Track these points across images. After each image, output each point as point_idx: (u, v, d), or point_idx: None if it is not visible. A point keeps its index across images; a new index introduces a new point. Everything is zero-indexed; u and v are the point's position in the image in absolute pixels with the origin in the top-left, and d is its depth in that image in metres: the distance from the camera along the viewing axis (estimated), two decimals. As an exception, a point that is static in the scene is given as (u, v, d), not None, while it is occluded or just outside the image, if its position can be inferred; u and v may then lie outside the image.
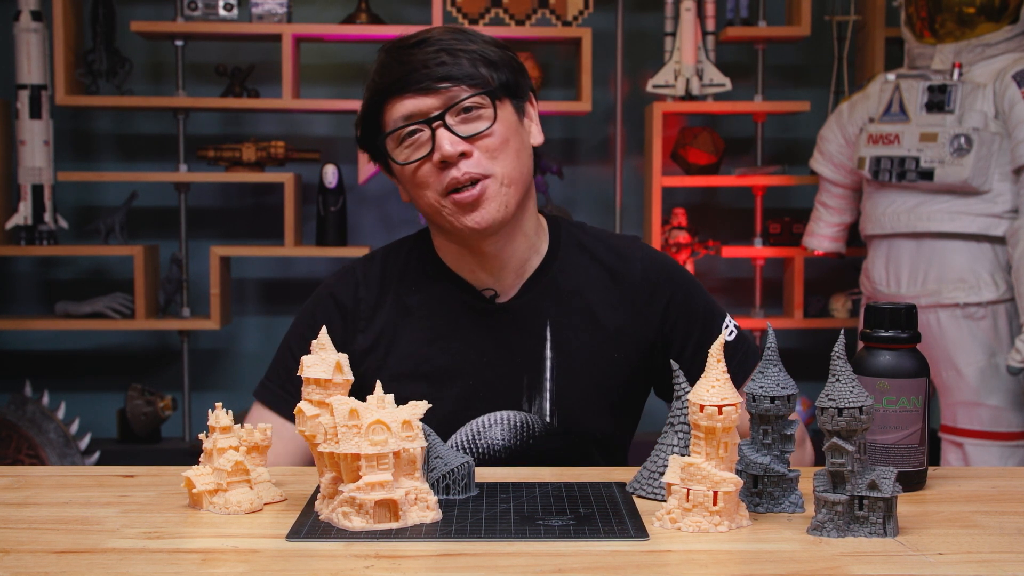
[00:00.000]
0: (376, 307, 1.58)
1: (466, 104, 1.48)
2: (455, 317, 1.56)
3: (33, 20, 3.57)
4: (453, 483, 1.24)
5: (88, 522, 1.16)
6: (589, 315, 1.56)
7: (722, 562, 1.03)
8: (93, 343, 4.01)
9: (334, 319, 1.58)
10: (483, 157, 1.48)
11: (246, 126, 3.96)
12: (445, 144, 1.46)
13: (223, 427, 1.22)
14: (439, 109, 1.47)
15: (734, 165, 3.90)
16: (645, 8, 3.93)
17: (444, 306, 1.57)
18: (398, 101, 1.49)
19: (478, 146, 1.48)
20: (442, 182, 1.48)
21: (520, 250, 1.56)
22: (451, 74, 1.47)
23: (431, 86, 1.47)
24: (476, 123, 1.49)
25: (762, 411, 1.17)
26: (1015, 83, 2.88)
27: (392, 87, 1.49)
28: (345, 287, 1.60)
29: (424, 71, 1.47)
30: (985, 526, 1.15)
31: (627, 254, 1.61)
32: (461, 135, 1.47)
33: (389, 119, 1.50)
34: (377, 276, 1.60)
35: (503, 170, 1.49)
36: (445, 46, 1.49)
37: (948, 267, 2.98)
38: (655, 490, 1.26)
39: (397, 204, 3.98)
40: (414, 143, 1.49)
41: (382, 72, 1.52)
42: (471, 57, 1.50)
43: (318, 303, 1.61)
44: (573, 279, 1.58)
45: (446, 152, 1.46)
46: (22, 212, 3.59)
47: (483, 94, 1.48)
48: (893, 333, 1.29)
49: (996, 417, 2.98)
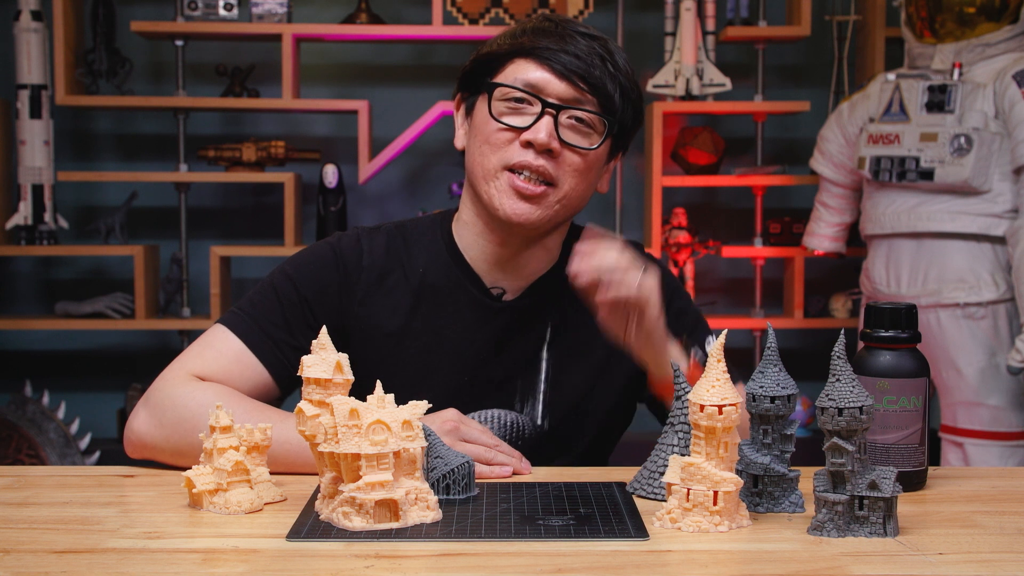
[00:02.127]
0: (378, 281, 1.53)
1: (586, 117, 1.46)
2: (459, 308, 1.53)
3: (33, 20, 3.57)
4: (453, 483, 1.24)
5: (88, 522, 1.16)
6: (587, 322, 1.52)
7: (722, 562, 1.03)
8: (93, 343, 4.01)
9: (331, 276, 1.52)
10: (562, 166, 1.45)
11: (246, 126, 3.97)
12: (543, 130, 1.43)
13: (223, 427, 1.22)
14: (563, 100, 1.44)
15: (734, 165, 3.90)
16: (645, 8, 3.93)
17: (451, 295, 1.54)
18: (534, 64, 1.45)
19: (566, 155, 1.45)
20: (512, 156, 1.45)
21: (536, 258, 1.54)
22: (595, 80, 1.45)
23: (571, 76, 1.44)
24: (580, 137, 1.46)
25: (762, 411, 1.17)
26: (1015, 83, 2.88)
27: (539, 50, 1.45)
28: (350, 250, 1.54)
29: (575, 58, 1.44)
30: (985, 526, 1.15)
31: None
32: (562, 138, 1.45)
33: (512, 72, 1.46)
34: (382, 250, 1.54)
35: (569, 189, 1.47)
36: (606, 53, 1.46)
37: (948, 267, 2.98)
38: (655, 490, 1.26)
39: (398, 204, 3.99)
40: (517, 109, 1.46)
41: (538, 32, 1.47)
42: (620, 80, 1.47)
43: (317, 255, 1.54)
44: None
45: (540, 139, 1.43)
46: (22, 212, 3.59)
47: (605, 120, 1.46)
48: (893, 333, 1.29)
49: (996, 417, 2.98)
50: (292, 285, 1.50)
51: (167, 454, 1.40)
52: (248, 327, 1.48)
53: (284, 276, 1.52)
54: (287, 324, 1.49)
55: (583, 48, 1.45)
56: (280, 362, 1.48)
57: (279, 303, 1.50)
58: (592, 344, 1.54)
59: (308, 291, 1.51)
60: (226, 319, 1.50)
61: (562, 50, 1.44)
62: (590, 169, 1.48)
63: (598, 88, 1.45)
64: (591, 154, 1.47)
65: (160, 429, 1.40)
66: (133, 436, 1.43)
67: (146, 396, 1.44)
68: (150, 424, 1.41)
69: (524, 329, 1.54)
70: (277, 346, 1.48)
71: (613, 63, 1.47)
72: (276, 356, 1.47)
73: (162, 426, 1.40)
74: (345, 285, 1.52)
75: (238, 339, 1.47)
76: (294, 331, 1.49)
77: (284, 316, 1.49)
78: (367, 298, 1.52)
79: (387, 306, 1.53)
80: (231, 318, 1.50)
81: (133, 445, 1.43)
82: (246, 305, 1.51)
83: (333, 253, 1.54)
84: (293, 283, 1.51)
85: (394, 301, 1.53)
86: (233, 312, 1.50)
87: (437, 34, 3.65)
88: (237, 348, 1.47)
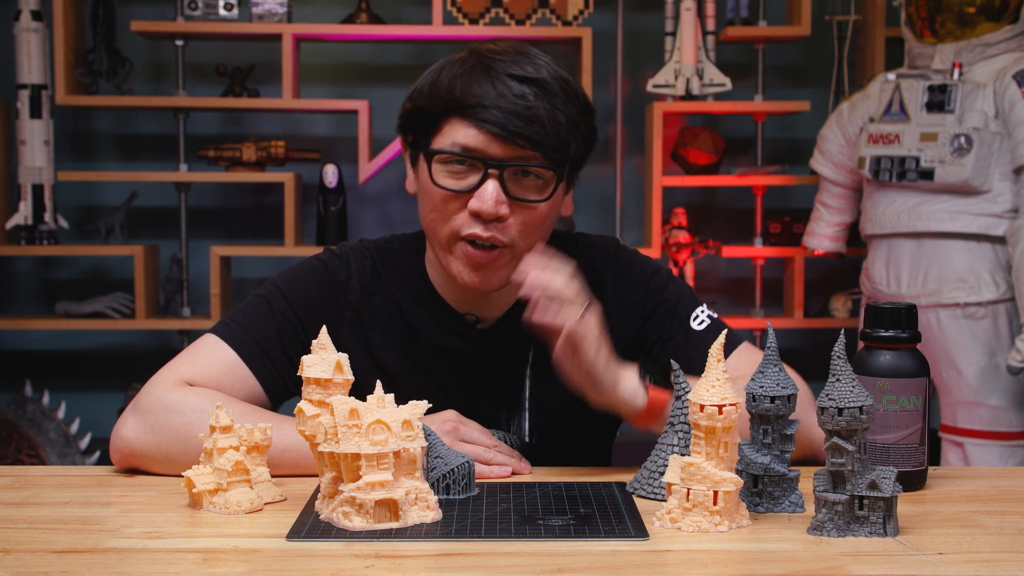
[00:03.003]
0: (363, 302, 1.52)
1: (532, 171, 1.39)
2: (434, 337, 1.51)
3: (33, 20, 3.56)
4: (453, 483, 1.24)
5: (88, 522, 1.16)
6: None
7: (722, 562, 1.03)
8: (93, 343, 4.01)
9: (322, 295, 1.50)
10: (515, 225, 1.40)
11: (246, 126, 3.97)
12: (489, 200, 1.37)
13: (223, 427, 1.22)
14: (503, 159, 1.37)
15: (734, 165, 3.90)
16: (645, 8, 3.93)
17: (425, 323, 1.51)
18: (467, 126, 1.37)
19: (517, 213, 1.40)
20: (462, 228, 1.40)
21: (510, 289, 1.47)
22: (537, 136, 1.36)
23: (510, 137, 1.36)
24: (529, 191, 1.40)
25: (762, 411, 1.17)
26: (1015, 83, 2.88)
27: (469, 110, 1.37)
28: (340, 269, 1.52)
29: (512, 116, 1.35)
30: (985, 526, 1.15)
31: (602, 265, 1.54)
32: (511, 194, 1.38)
33: (449, 135, 1.39)
34: (369, 273, 1.53)
35: (525, 244, 1.42)
36: (547, 93, 1.37)
37: (948, 267, 2.98)
38: (655, 490, 1.26)
39: (397, 204, 3.99)
40: (459, 173, 1.39)
41: (467, 82, 1.38)
42: (564, 118, 1.38)
43: (309, 272, 1.53)
44: None
45: (487, 209, 1.37)
46: (22, 212, 3.59)
47: (554, 170, 1.40)
48: (893, 333, 1.29)
49: (996, 417, 2.98)
50: (285, 300, 1.49)
51: (157, 462, 1.37)
52: (242, 338, 1.46)
53: (277, 290, 1.50)
54: (280, 338, 1.47)
55: (518, 96, 1.36)
56: (272, 375, 1.46)
57: (272, 316, 1.48)
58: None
59: (300, 307, 1.49)
60: (218, 329, 1.48)
61: (496, 106, 1.35)
62: (546, 218, 1.43)
63: (540, 142, 1.37)
64: (543, 206, 1.41)
65: (152, 436, 1.37)
66: (122, 444, 1.38)
67: (135, 403, 1.40)
68: (141, 431, 1.37)
69: (502, 353, 1.51)
70: (270, 358, 1.46)
71: (554, 103, 1.38)
72: (268, 369, 1.46)
73: (154, 433, 1.37)
74: (335, 304, 1.51)
75: (231, 349, 1.45)
76: (286, 345, 1.47)
77: (277, 330, 1.47)
78: (354, 320, 1.51)
79: (370, 329, 1.51)
80: (224, 328, 1.47)
81: (121, 453, 1.39)
82: (238, 317, 1.49)
83: (324, 271, 1.52)
84: (286, 298, 1.49)
85: (377, 325, 1.51)
86: (225, 323, 1.48)
87: (437, 34, 3.65)
88: (230, 358, 1.45)
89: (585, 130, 1.43)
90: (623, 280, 1.55)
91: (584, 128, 1.42)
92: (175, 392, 1.40)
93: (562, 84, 1.40)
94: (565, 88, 1.40)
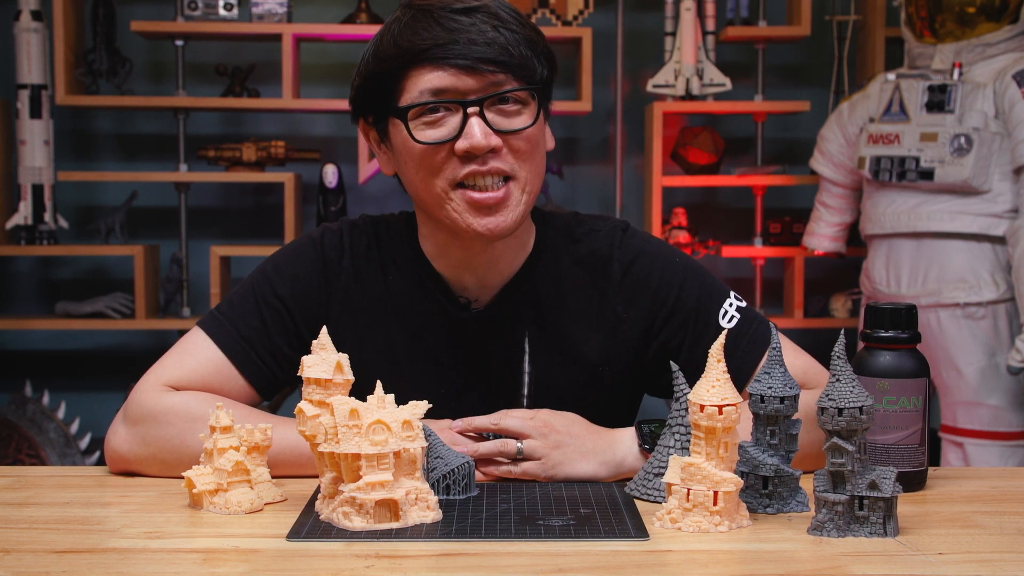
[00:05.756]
0: (355, 283, 1.47)
1: (510, 96, 1.34)
2: (430, 317, 1.46)
3: (33, 20, 3.56)
4: (453, 483, 1.24)
5: (88, 522, 1.16)
6: (570, 327, 1.46)
7: (722, 562, 1.03)
8: (93, 343, 4.01)
9: (311, 275, 1.46)
10: (511, 156, 1.35)
11: (246, 126, 3.97)
12: (477, 134, 1.31)
13: (223, 427, 1.22)
14: (479, 92, 1.32)
15: (734, 165, 3.90)
16: (645, 8, 3.93)
17: (419, 304, 1.46)
18: (430, 71, 1.32)
19: (510, 143, 1.34)
20: (457, 173, 1.34)
21: (511, 252, 1.45)
22: (501, 57, 1.31)
23: (476, 65, 1.31)
24: (514, 118, 1.35)
25: (771, 412, 1.16)
26: (1015, 83, 2.88)
27: (427, 53, 1.31)
28: (332, 249, 1.47)
29: (470, 45, 1.30)
30: (985, 526, 1.15)
31: (606, 254, 1.48)
32: (497, 128, 1.33)
33: (412, 87, 1.33)
34: (362, 251, 1.48)
35: (528, 175, 1.37)
36: (495, 17, 1.33)
37: (948, 267, 2.98)
38: (655, 490, 1.26)
39: (398, 204, 3.99)
40: (436, 122, 1.34)
41: (414, 31, 1.33)
42: (525, 38, 1.34)
43: (299, 253, 1.48)
44: (554, 286, 1.47)
45: (478, 143, 1.31)
46: (22, 212, 3.59)
47: (529, 89, 1.35)
48: (893, 333, 1.29)
49: (996, 417, 2.98)
50: (270, 286, 1.45)
51: (154, 469, 1.37)
52: (227, 333, 1.43)
53: (264, 276, 1.47)
54: (265, 327, 1.44)
55: (471, 22, 1.32)
56: (259, 369, 1.43)
57: (257, 305, 1.45)
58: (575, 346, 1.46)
59: (286, 292, 1.45)
60: (206, 323, 1.45)
61: (451, 41, 1.31)
62: (537, 144, 1.38)
63: (506, 62, 1.32)
64: (532, 129, 1.36)
65: (144, 448, 1.36)
66: (115, 455, 1.38)
67: (124, 411, 1.39)
68: (133, 443, 1.37)
69: (499, 339, 1.46)
70: (256, 352, 1.43)
71: (505, 25, 1.34)
72: (255, 363, 1.43)
73: (145, 444, 1.36)
74: (324, 285, 1.47)
75: (217, 347, 1.42)
76: (272, 334, 1.44)
77: (262, 319, 1.44)
78: (346, 300, 1.47)
79: (362, 310, 1.47)
80: (211, 322, 1.44)
81: (116, 463, 1.39)
82: (226, 308, 1.45)
83: (315, 250, 1.48)
84: (271, 284, 1.46)
85: (369, 305, 1.47)
86: (213, 315, 1.45)
87: (437, 34, 3.64)
88: (216, 358, 1.42)
89: (542, 47, 1.38)
90: (630, 274, 1.48)
91: (541, 45, 1.38)
92: (163, 401, 1.38)
93: (505, 8, 1.37)
94: (509, 11, 1.37)
